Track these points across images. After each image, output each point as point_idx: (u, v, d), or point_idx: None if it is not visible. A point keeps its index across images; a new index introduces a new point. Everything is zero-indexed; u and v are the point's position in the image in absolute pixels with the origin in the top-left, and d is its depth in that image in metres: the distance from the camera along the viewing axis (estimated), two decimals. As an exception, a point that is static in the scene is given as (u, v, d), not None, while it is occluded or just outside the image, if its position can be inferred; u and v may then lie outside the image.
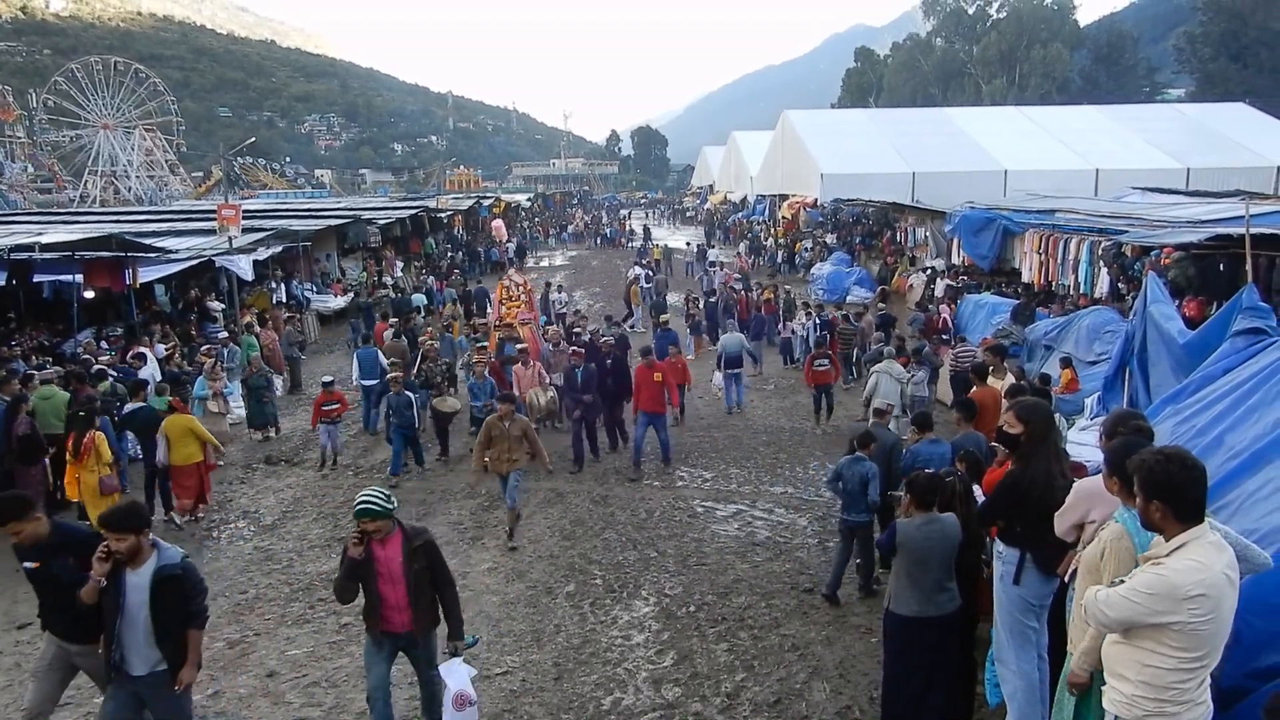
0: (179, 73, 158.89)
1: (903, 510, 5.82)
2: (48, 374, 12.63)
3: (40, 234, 19.44)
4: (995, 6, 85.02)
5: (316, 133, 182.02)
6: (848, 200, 34.16)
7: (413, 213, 36.15)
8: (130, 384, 12.10)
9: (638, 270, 28.62)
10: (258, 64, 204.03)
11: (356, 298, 25.21)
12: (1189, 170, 33.23)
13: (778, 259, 36.41)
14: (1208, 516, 3.53)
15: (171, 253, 20.24)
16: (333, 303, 25.99)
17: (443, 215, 40.30)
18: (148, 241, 19.63)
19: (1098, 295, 16.15)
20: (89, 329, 18.06)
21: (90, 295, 18.41)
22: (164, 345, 16.34)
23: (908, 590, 5.53)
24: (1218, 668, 3.80)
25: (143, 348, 15.41)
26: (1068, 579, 4.73)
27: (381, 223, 32.14)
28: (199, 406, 13.05)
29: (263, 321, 19.27)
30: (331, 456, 13.13)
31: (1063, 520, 4.73)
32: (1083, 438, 8.84)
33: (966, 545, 5.74)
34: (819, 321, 18.31)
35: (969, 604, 5.79)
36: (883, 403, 10.77)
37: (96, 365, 13.96)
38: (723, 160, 66.76)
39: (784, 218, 40.17)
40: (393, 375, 12.93)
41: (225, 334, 17.79)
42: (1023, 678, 5.27)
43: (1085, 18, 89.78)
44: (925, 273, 24.66)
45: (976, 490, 6.42)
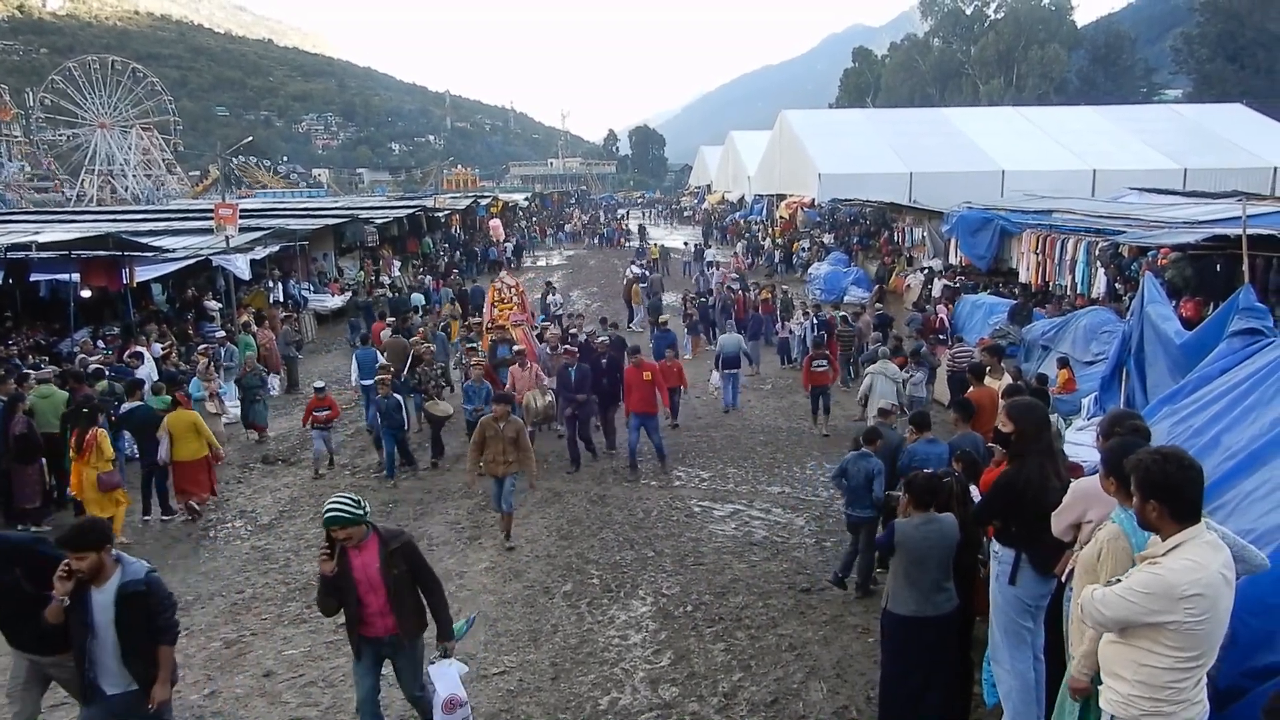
0: (176, 72, 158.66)
1: (901, 510, 5.82)
2: (45, 373, 12.61)
3: (37, 233, 19.47)
4: (993, 7, 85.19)
5: (314, 132, 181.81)
6: (845, 200, 34.18)
7: (410, 212, 36.15)
8: (127, 383, 12.09)
9: (635, 270, 28.63)
10: (255, 63, 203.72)
11: (354, 297, 25.19)
12: (1186, 171, 33.29)
13: (775, 259, 36.42)
14: (1204, 516, 3.53)
15: (168, 252, 20.24)
16: (330, 302, 25.97)
17: (440, 215, 40.25)
18: (145, 241, 19.64)
19: (1095, 296, 16.17)
20: (86, 328, 18.03)
21: (87, 294, 18.37)
22: (161, 345, 16.33)
23: (905, 590, 5.53)
24: (1215, 667, 3.80)
25: (139, 347, 15.40)
26: (1065, 579, 4.74)
27: (379, 222, 32.13)
28: (195, 407, 13.02)
29: (260, 321, 19.25)
30: (327, 459, 13.07)
31: (1060, 520, 4.73)
32: (1080, 438, 8.88)
33: (964, 545, 5.75)
34: (816, 321, 18.31)
35: (966, 604, 5.80)
36: (888, 402, 10.82)
37: (93, 365, 13.95)
38: (720, 160, 66.75)
39: (781, 217, 40.16)
40: (381, 378, 12.80)
41: (223, 333, 17.78)
42: (1017, 677, 5.28)
43: (1083, 18, 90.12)
44: (923, 273, 24.67)
45: (974, 490, 6.43)
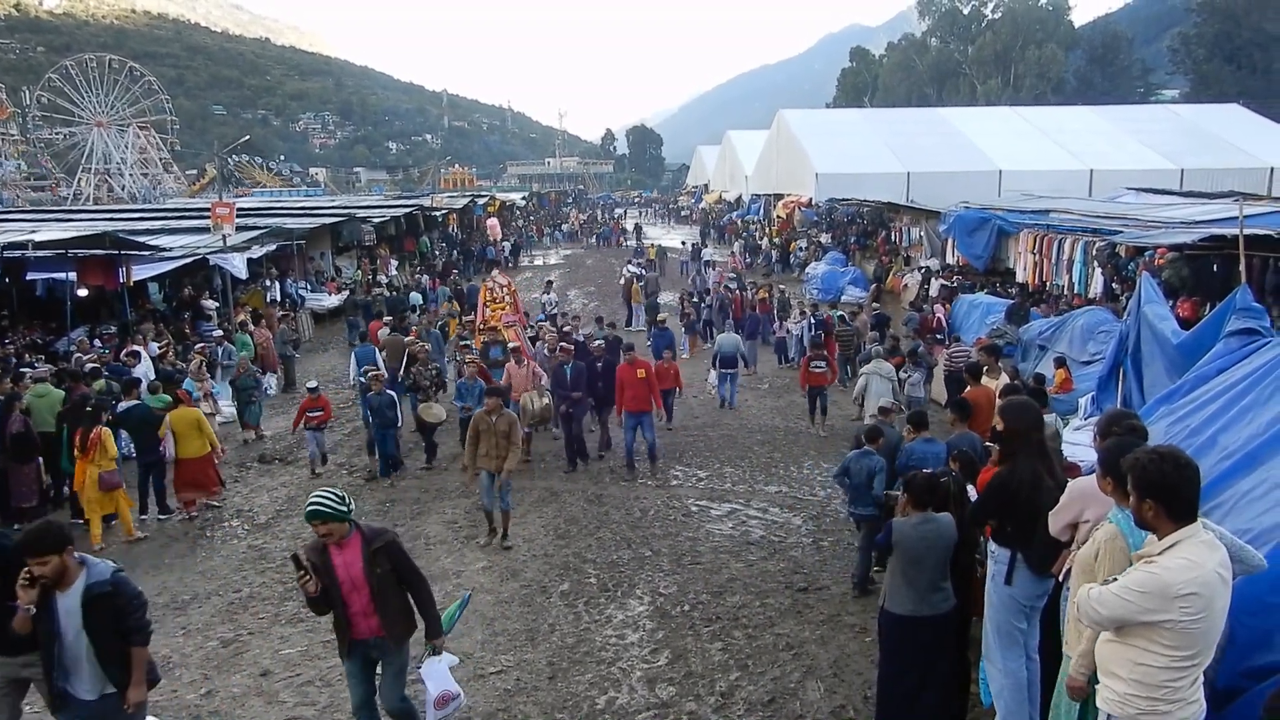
0: (173, 70, 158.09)
1: (899, 509, 5.82)
2: (41, 372, 12.59)
3: (34, 232, 19.42)
4: (990, 7, 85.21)
5: (311, 131, 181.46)
6: (843, 200, 34.23)
7: (407, 211, 36.09)
8: (124, 382, 12.09)
9: (632, 269, 28.63)
10: (252, 62, 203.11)
11: (353, 295, 25.16)
12: (1183, 171, 33.38)
13: (772, 258, 36.44)
14: (1201, 516, 3.53)
15: (165, 251, 20.22)
16: (327, 301, 25.96)
17: (437, 214, 40.22)
18: (141, 240, 19.59)
19: (1092, 295, 16.19)
20: (82, 327, 18.01)
21: (84, 293, 18.33)
22: (157, 344, 16.30)
23: (903, 589, 5.52)
24: (1212, 667, 3.81)
25: (136, 346, 15.38)
26: (1062, 579, 4.74)
27: (376, 221, 32.11)
28: None
29: (257, 320, 19.22)
30: (320, 460, 12.99)
31: (1057, 520, 4.73)
32: (1077, 437, 8.88)
33: (961, 545, 5.75)
34: (813, 321, 18.32)
35: (964, 604, 5.80)
36: (888, 401, 10.84)
37: (89, 364, 13.92)
38: (718, 159, 66.78)
39: (779, 217, 40.19)
40: (374, 374, 12.71)
41: (220, 332, 17.75)
42: (1009, 676, 5.29)
43: (1080, 18, 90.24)
44: (920, 272, 24.69)
45: (971, 490, 6.43)
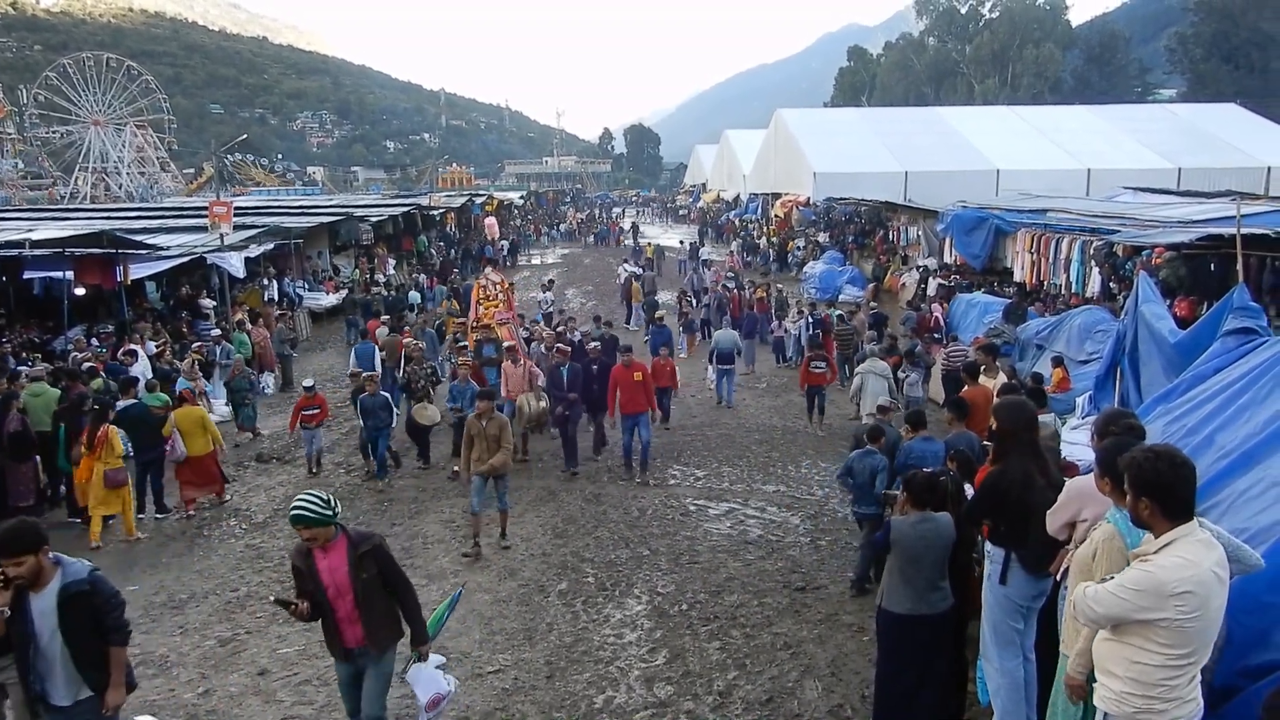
0: (170, 69, 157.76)
1: (898, 508, 5.82)
2: (37, 371, 12.57)
3: (31, 230, 19.36)
4: (988, 6, 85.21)
5: (309, 130, 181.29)
6: (840, 199, 34.25)
7: (405, 210, 36.04)
8: (121, 381, 12.07)
9: (630, 269, 28.63)
10: (250, 61, 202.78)
11: (351, 294, 25.14)
12: (1180, 170, 33.41)
13: (770, 258, 36.45)
14: (1198, 515, 3.54)
15: (163, 250, 20.17)
16: (325, 300, 25.93)
17: (435, 213, 40.18)
18: (139, 238, 19.53)
19: (1089, 295, 16.21)
20: (80, 326, 17.97)
21: (81, 292, 18.29)
22: (155, 343, 16.27)
23: (901, 588, 5.53)
24: (1210, 666, 3.81)
25: (133, 345, 15.35)
26: (1060, 578, 4.74)
27: (374, 220, 32.09)
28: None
29: (255, 319, 19.20)
30: (315, 460, 12.88)
31: (1055, 519, 4.73)
32: (1074, 436, 8.89)
33: (959, 544, 5.75)
34: (811, 320, 18.33)
35: (962, 603, 5.80)
36: (887, 400, 10.86)
37: (86, 362, 13.90)
38: (715, 159, 66.71)
39: (777, 216, 40.22)
40: (368, 375, 12.63)
41: (218, 331, 17.72)
42: (1006, 676, 5.29)
43: (1077, 18, 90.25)
44: (918, 271, 24.72)
45: (968, 489, 6.44)
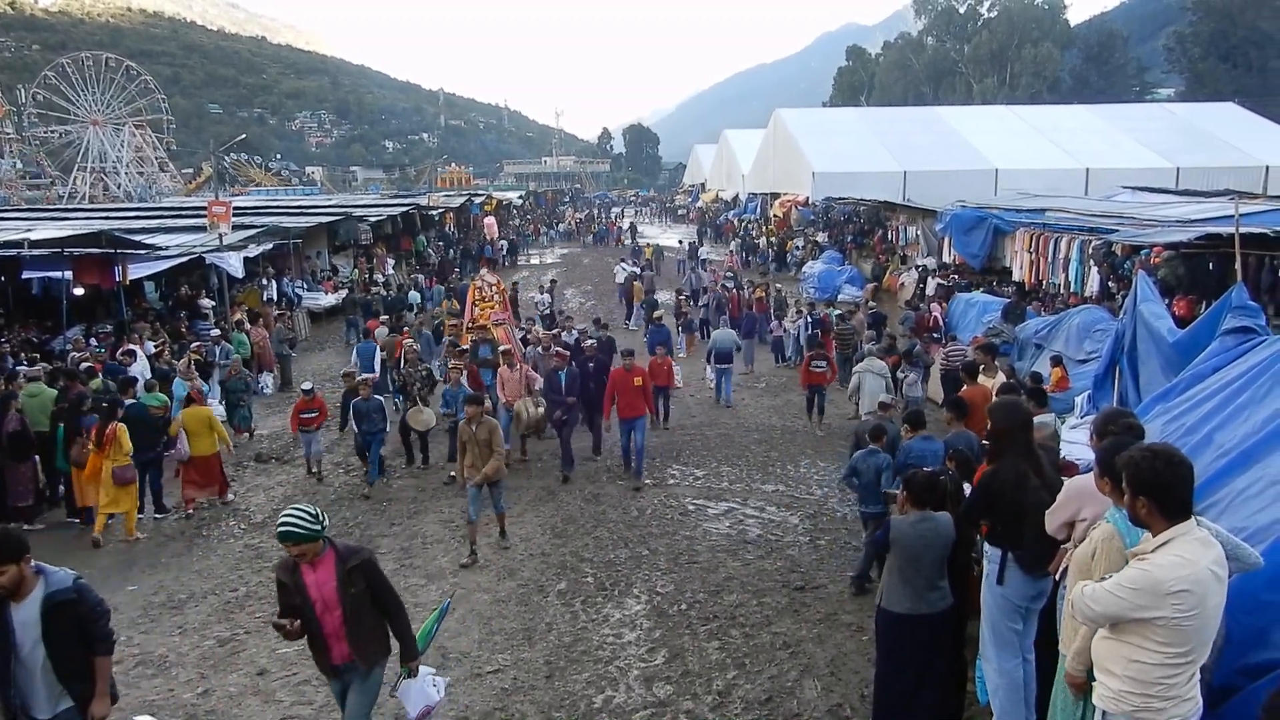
0: (169, 69, 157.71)
1: (897, 507, 5.82)
2: (34, 371, 12.56)
3: (29, 230, 19.35)
4: (986, 6, 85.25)
5: (307, 130, 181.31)
6: (839, 199, 34.26)
7: (404, 210, 36.05)
8: (120, 381, 12.07)
9: (627, 269, 28.62)
10: (248, 61, 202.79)
11: (351, 294, 25.14)
12: (1178, 169, 33.42)
13: (769, 257, 36.46)
14: (1196, 514, 3.54)
15: (162, 250, 20.18)
16: (323, 300, 25.93)
17: (434, 213, 40.18)
18: (138, 238, 19.53)
19: (1088, 294, 16.21)
20: (78, 326, 17.96)
21: (80, 292, 18.29)
22: (153, 343, 16.27)
23: (900, 588, 5.52)
24: (1210, 666, 3.81)
25: (132, 345, 15.34)
26: (1059, 577, 4.74)
27: (373, 220, 32.10)
28: (179, 407, 12.86)
29: (254, 319, 19.19)
30: (315, 464, 12.74)
31: (1054, 518, 4.74)
32: (1073, 436, 8.89)
33: (958, 544, 5.75)
34: (810, 320, 18.34)
35: (961, 602, 5.80)
36: (888, 397, 10.88)
37: (85, 362, 13.88)
38: (714, 158, 66.71)
39: (776, 216, 40.22)
40: (361, 379, 12.54)
41: (218, 332, 17.71)
42: (1004, 676, 5.30)
43: (1076, 17, 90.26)
44: (917, 271, 24.72)
45: (967, 488, 6.44)
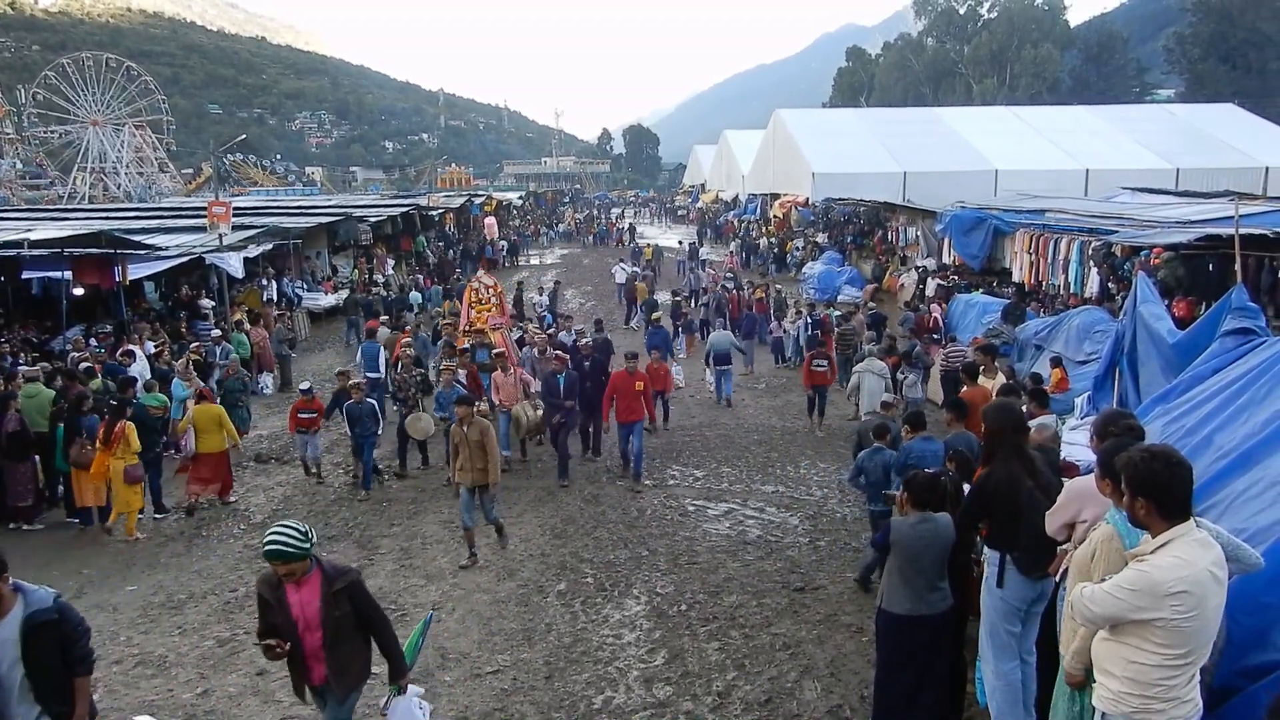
0: (169, 69, 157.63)
1: (898, 508, 5.82)
2: (32, 371, 12.56)
3: (29, 230, 19.35)
4: (986, 6, 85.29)
5: (307, 130, 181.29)
6: (839, 199, 34.28)
7: (404, 210, 36.02)
8: (120, 381, 12.07)
9: (627, 269, 28.61)
10: (248, 61, 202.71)
11: (352, 294, 25.13)
12: (1178, 170, 33.42)
13: (769, 258, 36.46)
14: (1195, 515, 3.54)
15: (161, 250, 20.16)
16: (323, 300, 25.93)
17: (434, 213, 40.17)
18: (138, 239, 19.52)
19: (1088, 295, 16.22)
20: (78, 326, 17.96)
21: (79, 292, 18.29)
22: (153, 343, 16.27)
23: (900, 589, 5.53)
24: (1210, 667, 3.81)
25: (132, 345, 15.34)
26: (1059, 578, 4.74)
27: (373, 220, 32.06)
28: (178, 408, 12.83)
29: (253, 319, 19.19)
30: (315, 464, 12.63)
31: (1054, 519, 4.74)
32: (1073, 437, 8.89)
33: (958, 545, 5.75)
34: (810, 321, 18.34)
35: (961, 603, 5.80)
36: (890, 396, 10.88)
37: (84, 363, 13.87)
38: (714, 159, 66.68)
39: (775, 217, 40.22)
40: (355, 382, 12.42)
41: (218, 332, 17.70)
42: (1002, 678, 5.31)
43: (1076, 18, 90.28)
44: (916, 272, 24.72)
45: (967, 489, 6.43)
